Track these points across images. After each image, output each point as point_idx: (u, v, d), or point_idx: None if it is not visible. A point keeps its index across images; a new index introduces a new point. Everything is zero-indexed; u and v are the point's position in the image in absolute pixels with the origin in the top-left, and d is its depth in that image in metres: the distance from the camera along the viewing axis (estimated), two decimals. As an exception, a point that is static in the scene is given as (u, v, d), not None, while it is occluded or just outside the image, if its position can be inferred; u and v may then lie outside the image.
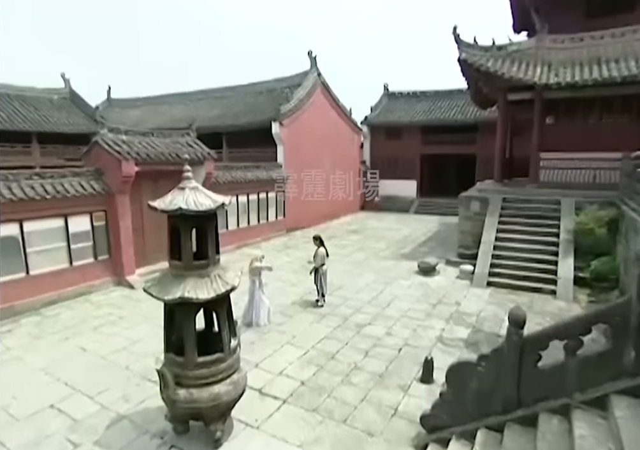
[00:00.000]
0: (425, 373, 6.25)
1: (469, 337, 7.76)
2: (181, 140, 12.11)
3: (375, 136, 25.96)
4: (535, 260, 10.84)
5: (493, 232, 11.81)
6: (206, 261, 4.45)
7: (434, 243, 16.10)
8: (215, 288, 4.37)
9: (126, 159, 9.97)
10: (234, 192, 14.69)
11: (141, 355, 6.94)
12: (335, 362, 6.79)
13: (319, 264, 9.04)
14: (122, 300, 9.71)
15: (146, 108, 26.07)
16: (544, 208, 12.09)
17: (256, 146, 18.30)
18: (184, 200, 4.19)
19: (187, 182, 4.40)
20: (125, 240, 10.71)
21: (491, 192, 13.23)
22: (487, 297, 9.92)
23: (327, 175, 20.87)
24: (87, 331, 7.96)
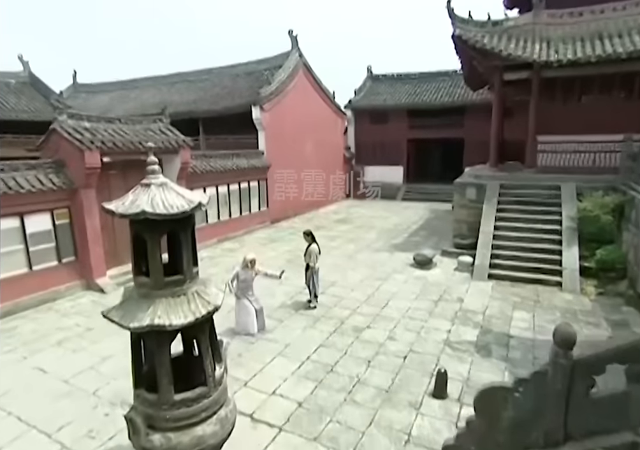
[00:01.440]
0: (438, 387, 5.54)
1: (478, 339, 7.10)
2: (153, 127, 10.96)
3: (360, 120, 24.98)
4: (537, 250, 10.26)
5: (492, 221, 11.17)
6: (181, 276, 3.55)
7: (426, 231, 15.45)
8: (193, 310, 3.48)
9: (89, 149, 8.82)
10: (213, 183, 13.65)
11: (110, 376, 6.02)
12: (335, 376, 6.02)
13: (312, 262, 8.20)
14: (91, 307, 8.69)
15: (115, 94, 24.38)
16: (543, 194, 11.49)
17: (236, 133, 17.16)
18: (149, 201, 3.26)
19: (153, 177, 3.46)
20: (92, 239, 9.63)
21: (488, 178, 12.56)
22: (491, 292, 9.30)
23: (311, 162, 19.90)
24: (49, 347, 6.96)
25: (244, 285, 7.20)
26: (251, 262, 7.15)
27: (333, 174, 22.92)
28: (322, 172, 21.29)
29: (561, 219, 10.61)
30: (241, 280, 7.15)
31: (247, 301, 7.22)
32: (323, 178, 21.41)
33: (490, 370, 6.14)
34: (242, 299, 7.18)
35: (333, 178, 22.97)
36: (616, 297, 8.78)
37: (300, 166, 19.02)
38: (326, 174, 21.79)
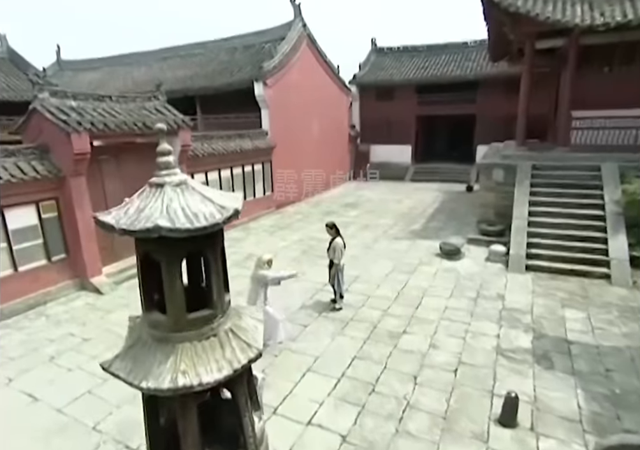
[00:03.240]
0: (506, 414, 4.66)
1: (534, 346, 6.21)
2: (148, 105, 9.71)
3: (365, 97, 23.55)
4: (578, 238, 9.32)
5: (526, 206, 10.17)
6: (211, 310, 2.53)
7: (444, 216, 14.45)
8: (229, 358, 2.46)
9: (77, 131, 7.63)
10: (215, 167, 12.51)
11: (113, 403, 5.07)
12: (379, 398, 5.12)
13: (337, 258, 7.20)
14: (86, 312, 7.70)
15: (103, 71, 22.72)
16: (581, 176, 10.47)
17: (236, 111, 15.84)
18: (164, 210, 2.20)
19: (167, 173, 2.39)
20: (85, 234, 8.55)
21: (517, 159, 11.48)
22: (532, 286, 8.39)
23: (316, 142, 18.67)
24: (39, 364, 5.98)
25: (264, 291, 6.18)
26: (268, 263, 6.12)
27: (339, 154, 21.72)
28: (328, 152, 20.09)
29: (603, 203, 9.63)
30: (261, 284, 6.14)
31: (269, 308, 6.22)
32: (328, 159, 20.22)
33: (558, 387, 5.26)
34: (265, 306, 6.17)
35: (339, 158, 21.79)
36: (673, 291, 7.92)
37: (305, 146, 17.81)
38: (331, 155, 20.60)
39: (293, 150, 16.72)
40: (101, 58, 23.99)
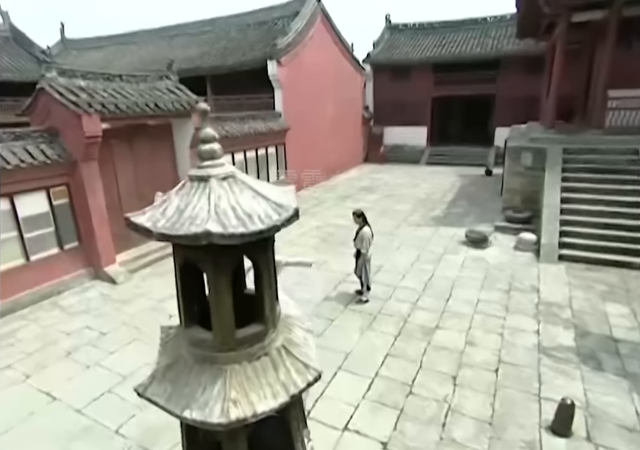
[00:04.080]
0: (560, 422, 4.30)
1: (578, 344, 5.81)
2: (159, 85, 9.19)
3: (379, 76, 22.68)
4: (615, 226, 8.80)
5: (557, 193, 9.63)
6: (261, 325, 2.14)
7: (465, 201, 13.92)
8: (284, 381, 2.09)
9: (88, 113, 7.18)
10: (229, 150, 12.02)
11: (135, 404, 4.78)
12: (417, 401, 4.79)
13: (365, 248, 6.79)
14: (102, 303, 7.40)
15: (109, 50, 22.03)
16: (617, 160, 9.88)
17: (249, 92, 15.22)
18: (212, 210, 1.78)
19: (211, 164, 1.96)
20: (98, 221, 8.20)
21: (547, 142, 10.87)
22: (566, 277, 7.95)
23: (330, 124, 18.04)
24: (56, 360, 5.70)
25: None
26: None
27: (352, 136, 21.07)
28: (342, 134, 19.46)
29: (642, 189, 9.09)
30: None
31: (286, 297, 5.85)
32: (342, 141, 19.61)
33: (611, 390, 4.88)
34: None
35: (352, 141, 21.16)
36: None
37: (319, 128, 17.20)
38: (345, 137, 19.97)
39: (307, 132, 16.14)
40: (107, 37, 23.27)
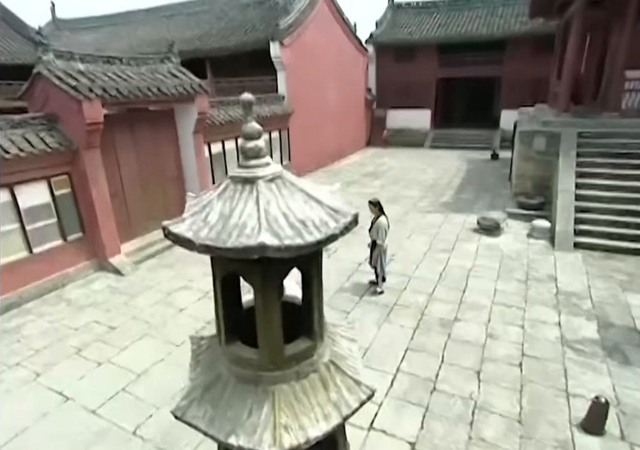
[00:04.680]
0: (593, 420, 4.17)
1: (602, 337, 5.67)
2: (161, 68, 8.78)
3: (382, 57, 22.06)
4: (632, 213, 8.60)
5: (572, 178, 9.38)
6: (310, 340, 1.94)
7: (473, 187, 13.66)
8: (336, 401, 1.89)
9: (88, 99, 6.82)
10: (232, 135, 11.63)
11: (151, 403, 4.63)
12: (443, 398, 4.65)
13: (381, 239, 6.57)
14: (109, 296, 7.20)
15: (104, 31, 21.26)
16: (633, 145, 9.61)
17: (250, 74, 14.73)
18: (263, 218, 1.54)
19: (256, 164, 1.70)
20: (101, 210, 7.93)
21: (560, 125, 10.56)
22: (584, 266, 7.79)
23: (333, 107, 17.59)
24: (66, 358, 5.52)
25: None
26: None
27: (355, 120, 20.63)
28: (345, 118, 19.04)
29: (659, 175, 8.86)
30: None
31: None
32: (345, 125, 19.19)
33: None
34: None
35: (355, 124, 20.72)
36: None
37: (323, 111, 16.79)
38: (348, 121, 19.54)
39: (310, 116, 15.73)
40: (101, 17, 22.48)
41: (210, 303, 6.83)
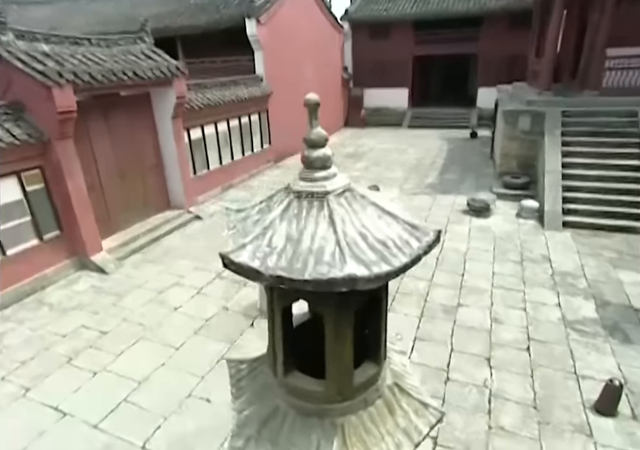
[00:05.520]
0: (606, 402, 4.24)
1: (601, 316, 5.79)
2: (134, 49, 8.11)
3: (358, 35, 21.47)
4: (616, 190, 8.78)
5: (558, 157, 9.46)
6: (375, 364, 1.76)
7: (456, 167, 13.66)
8: (405, 428, 1.74)
9: (58, 84, 6.20)
10: (212, 120, 11.12)
11: (158, 413, 4.38)
12: (457, 388, 4.62)
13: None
14: (94, 297, 6.78)
15: (60, 5, 19.65)
16: (617, 123, 9.74)
17: (225, 54, 13.99)
18: (341, 240, 1.31)
19: (325, 176, 1.46)
20: (79, 205, 7.39)
21: (544, 105, 10.57)
22: (574, 245, 7.92)
23: (311, 86, 17.05)
24: (56, 368, 5.15)
25: None
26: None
27: (333, 99, 20.17)
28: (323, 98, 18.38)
29: (642, 152, 9.04)
30: None
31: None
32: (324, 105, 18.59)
33: (644, 363, 4.89)
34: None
35: (333, 104, 20.27)
36: None
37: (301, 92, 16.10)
38: (326, 101, 18.95)
39: (289, 97, 15.17)
40: (53, -9, 20.70)
41: (206, 300, 6.60)
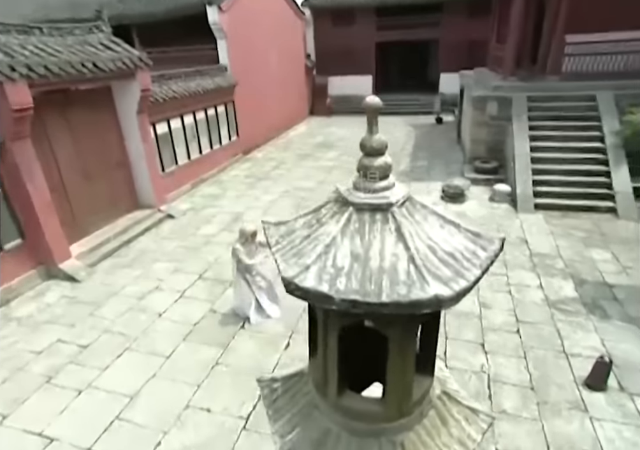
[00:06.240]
0: (596, 378, 4.44)
1: (580, 294, 6.05)
2: (91, 39, 7.50)
3: (320, 22, 21.14)
4: (582, 172, 9.17)
5: (527, 142, 9.74)
6: (429, 377, 1.69)
7: (425, 153, 13.83)
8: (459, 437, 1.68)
9: (11, 79, 5.64)
10: (177, 113, 10.63)
11: (157, 429, 4.17)
12: (458, 375, 4.68)
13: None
14: (68, 308, 6.34)
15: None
16: (578, 107, 10.11)
17: (186, 43, 13.32)
18: (417, 258, 1.20)
19: (386, 186, 1.35)
20: (42, 209, 6.86)
21: (510, 90, 10.81)
22: (547, 226, 8.22)
23: (275, 76, 16.68)
24: (35, 390, 4.73)
25: (243, 265, 5.48)
26: (252, 236, 5.47)
27: (297, 88, 19.84)
28: (288, 87, 18.21)
29: (602, 135, 9.45)
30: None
31: (245, 283, 5.59)
32: (289, 94, 18.39)
33: (624, 337, 5.15)
34: (242, 280, 5.58)
35: (298, 93, 19.94)
36: (677, 221, 8.11)
37: (267, 81, 15.85)
38: (291, 90, 18.73)
39: (255, 87, 14.78)
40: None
41: (191, 304, 6.33)
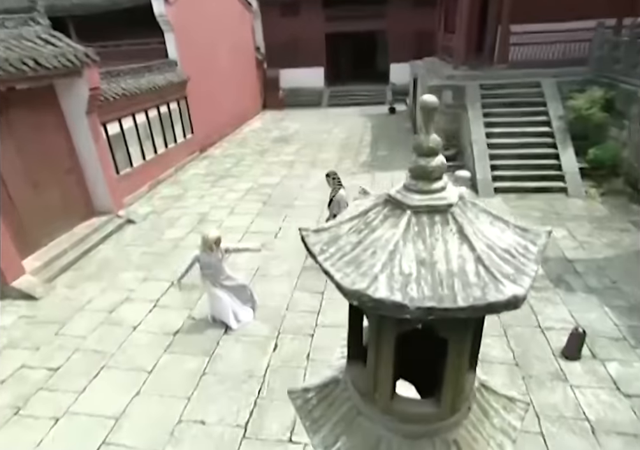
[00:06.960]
0: (572, 348, 4.76)
1: (546, 270, 6.45)
2: (27, 33, 6.85)
3: (268, 13, 20.66)
4: (534, 155, 9.71)
5: (482, 128, 10.13)
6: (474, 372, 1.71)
7: (384, 143, 14.05)
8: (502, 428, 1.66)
9: (-61, 80, 5.05)
10: (129, 111, 10.07)
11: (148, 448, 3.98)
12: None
13: (341, 213, 6.36)
14: (28, 329, 5.82)
15: None
16: (525, 93, 10.65)
17: (129, 37, 12.57)
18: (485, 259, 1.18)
19: (442, 186, 1.30)
20: (-12, 224, 6.27)
21: (463, 79, 11.19)
22: (507, 208, 8.65)
23: (226, 70, 16.20)
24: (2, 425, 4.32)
25: (210, 271, 5.25)
26: (216, 243, 5.13)
27: (249, 82, 19.40)
28: (239, 81, 17.76)
29: (549, 120, 10.04)
30: (205, 266, 5.21)
31: (219, 291, 5.38)
32: (240, 88, 17.95)
33: (588, 307, 5.56)
34: (212, 287, 5.37)
35: (249, 87, 19.52)
36: (619, 197, 8.80)
37: (218, 75, 15.36)
38: (243, 84, 18.29)
39: (207, 81, 14.27)
40: None
41: (167, 313, 6.06)
